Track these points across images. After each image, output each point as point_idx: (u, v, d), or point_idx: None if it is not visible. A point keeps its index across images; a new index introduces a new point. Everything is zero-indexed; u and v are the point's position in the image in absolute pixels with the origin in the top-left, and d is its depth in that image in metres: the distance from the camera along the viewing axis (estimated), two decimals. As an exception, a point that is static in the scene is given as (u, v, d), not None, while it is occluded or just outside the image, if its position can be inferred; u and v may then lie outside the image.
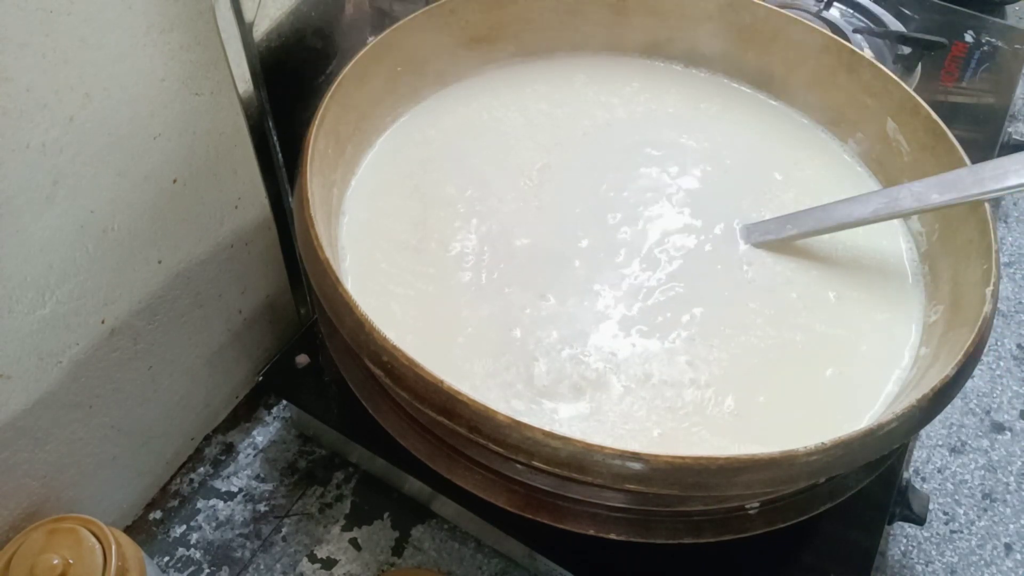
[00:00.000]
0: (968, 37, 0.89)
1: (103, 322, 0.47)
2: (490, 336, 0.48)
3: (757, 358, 0.48)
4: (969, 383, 0.48)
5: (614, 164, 0.58)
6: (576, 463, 0.37)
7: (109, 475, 0.53)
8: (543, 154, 0.58)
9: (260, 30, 0.48)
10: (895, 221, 0.56)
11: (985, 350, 0.45)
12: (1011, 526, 0.59)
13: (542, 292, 0.50)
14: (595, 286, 0.51)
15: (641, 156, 0.59)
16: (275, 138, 0.53)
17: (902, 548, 0.58)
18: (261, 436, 0.63)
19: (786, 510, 0.45)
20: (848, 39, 0.79)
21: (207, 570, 0.56)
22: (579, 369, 0.47)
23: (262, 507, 0.59)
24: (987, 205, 0.48)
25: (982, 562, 0.58)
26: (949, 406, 0.42)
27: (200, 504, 0.59)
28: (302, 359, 0.58)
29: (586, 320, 0.49)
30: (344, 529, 0.58)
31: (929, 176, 0.50)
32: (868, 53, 0.71)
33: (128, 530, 0.57)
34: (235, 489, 0.60)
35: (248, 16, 0.46)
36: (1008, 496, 0.61)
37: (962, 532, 0.59)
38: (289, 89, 0.52)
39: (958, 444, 0.64)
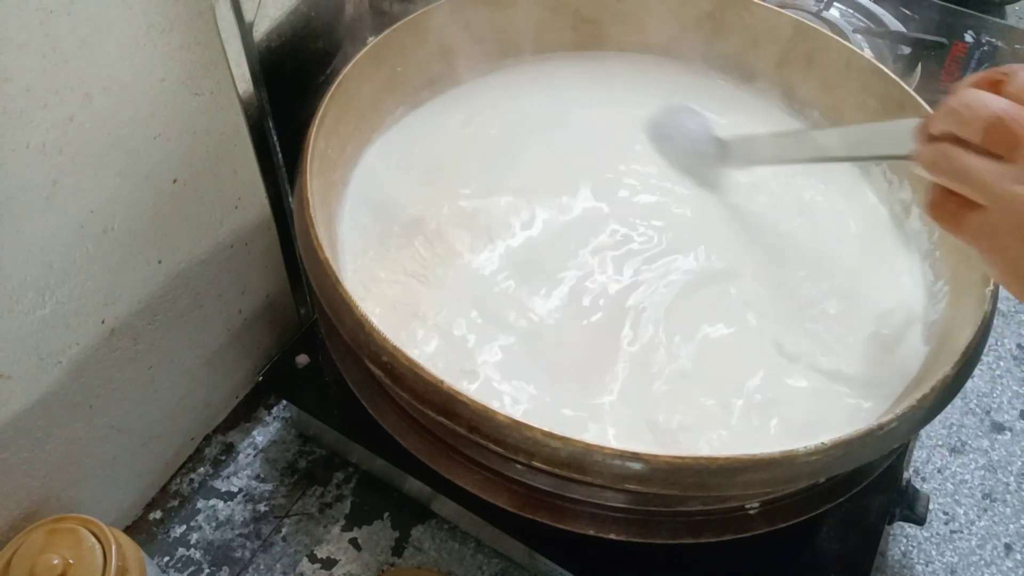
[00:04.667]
0: (968, 37, 0.89)
1: (103, 322, 0.47)
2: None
3: (758, 357, 0.48)
4: (969, 383, 0.48)
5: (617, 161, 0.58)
6: (576, 463, 0.37)
7: (109, 475, 0.53)
8: (545, 154, 0.58)
9: (260, 30, 0.48)
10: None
11: (985, 350, 0.45)
12: (1011, 526, 0.59)
13: (539, 287, 0.50)
14: (598, 276, 0.51)
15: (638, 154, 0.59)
16: (275, 138, 0.53)
17: (902, 548, 0.58)
18: (261, 436, 0.63)
19: (786, 510, 0.45)
20: (848, 39, 0.79)
21: (207, 570, 0.56)
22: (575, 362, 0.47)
23: (262, 507, 0.59)
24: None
25: (982, 562, 0.58)
26: (949, 406, 0.42)
27: (200, 504, 0.59)
28: (302, 359, 0.58)
29: (580, 318, 0.49)
30: (344, 529, 0.58)
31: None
32: (868, 53, 0.71)
33: (128, 530, 0.57)
34: (235, 489, 0.60)
35: (248, 16, 0.46)
36: (1008, 496, 0.61)
37: (962, 532, 0.59)
38: (289, 89, 0.52)
39: (958, 444, 0.64)
